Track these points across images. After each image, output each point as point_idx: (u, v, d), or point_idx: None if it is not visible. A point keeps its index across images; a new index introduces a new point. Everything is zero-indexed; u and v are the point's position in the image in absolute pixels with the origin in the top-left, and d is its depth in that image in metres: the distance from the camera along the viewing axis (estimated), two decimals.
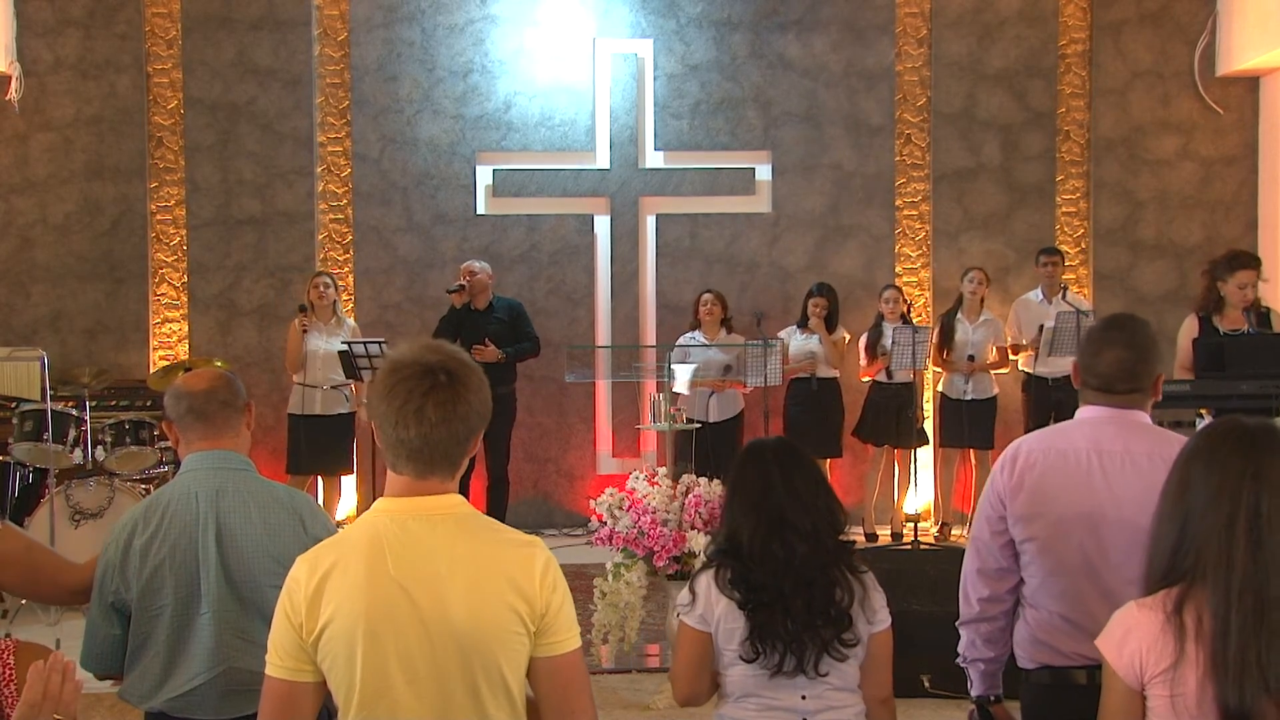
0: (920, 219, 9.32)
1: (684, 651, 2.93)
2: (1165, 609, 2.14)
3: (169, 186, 8.98)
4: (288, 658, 2.20)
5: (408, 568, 2.16)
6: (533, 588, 2.18)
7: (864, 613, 2.87)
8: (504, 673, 2.16)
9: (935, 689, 5.09)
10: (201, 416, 3.10)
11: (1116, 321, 2.97)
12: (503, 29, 9.19)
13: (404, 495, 2.22)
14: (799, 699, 2.84)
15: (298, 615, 2.18)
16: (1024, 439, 3.00)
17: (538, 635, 2.19)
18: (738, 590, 2.84)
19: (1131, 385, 2.87)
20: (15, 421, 6.78)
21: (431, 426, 2.17)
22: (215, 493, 3.05)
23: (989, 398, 8.53)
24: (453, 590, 2.14)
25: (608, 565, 5.46)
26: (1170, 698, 2.13)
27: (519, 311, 8.47)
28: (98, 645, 3.10)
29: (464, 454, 2.24)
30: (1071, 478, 2.84)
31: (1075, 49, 9.34)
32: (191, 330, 9.02)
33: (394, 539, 2.18)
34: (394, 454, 2.21)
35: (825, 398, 8.50)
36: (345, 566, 2.18)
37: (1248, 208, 9.33)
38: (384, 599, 2.14)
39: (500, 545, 2.22)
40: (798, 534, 2.85)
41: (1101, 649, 2.22)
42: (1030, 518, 2.88)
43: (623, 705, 5.18)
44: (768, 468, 2.92)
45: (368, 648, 2.14)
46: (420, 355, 2.21)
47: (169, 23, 8.96)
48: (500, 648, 2.15)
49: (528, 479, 9.13)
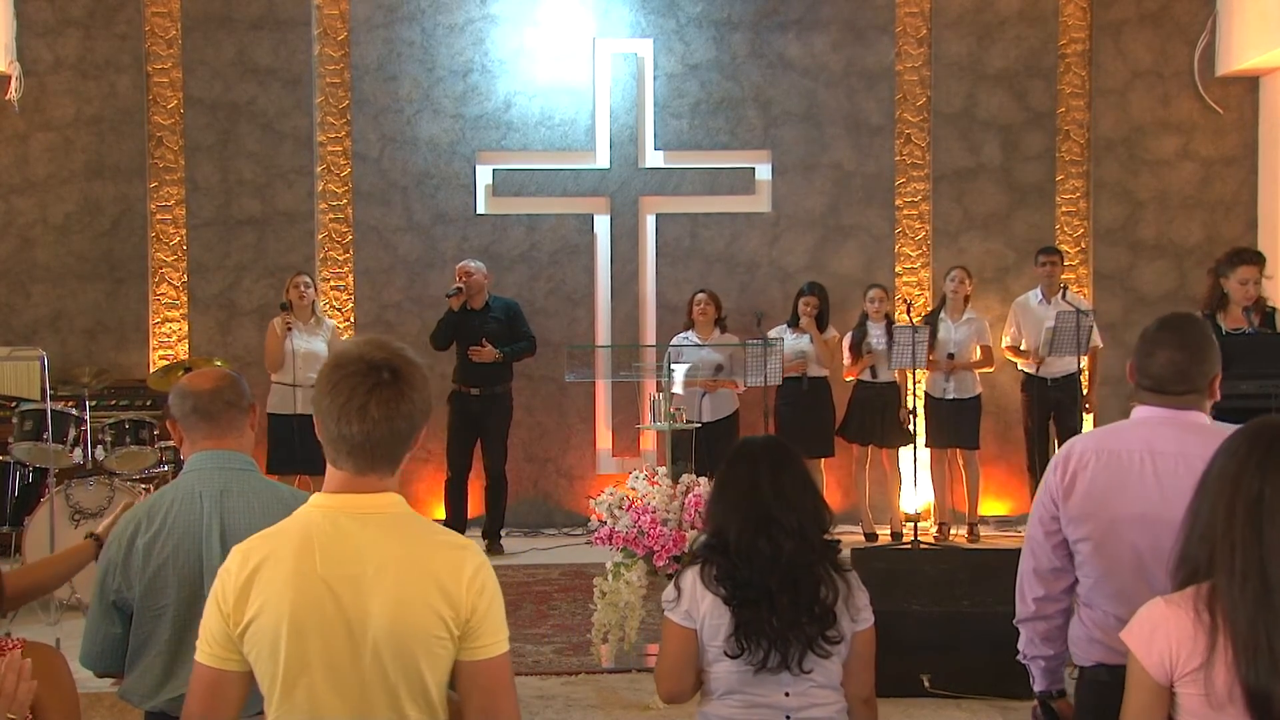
0: (920, 219, 9.32)
1: (669, 647, 2.95)
2: (1196, 607, 2.15)
3: (169, 186, 8.98)
4: (216, 646, 2.22)
5: (335, 566, 2.16)
6: (458, 591, 2.16)
7: (848, 610, 2.90)
8: (424, 675, 2.16)
9: (935, 689, 5.09)
10: (206, 416, 3.10)
11: (1170, 322, 2.95)
12: (503, 29, 9.19)
13: (341, 491, 2.22)
14: (782, 696, 2.86)
15: (226, 605, 2.19)
16: (1077, 439, 3.00)
17: (462, 639, 2.18)
18: (723, 586, 2.85)
19: (1185, 386, 2.86)
20: (15, 421, 6.78)
21: (374, 424, 2.17)
22: (220, 493, 3.05)
23: (972, 397, 8.53)
24: (377, 591, 2.14)
25: (608, 565, 5.47)
26: (1203, 695, 2.13)
27: (516, 311, 8.47)
28: (98, 644, 3.09)
29: (405, 451, 2.24)
30: (1124, 479, 2.84)
31: (1075, 49, 9.34)
32: (191, 330, 9.02)
33: (325, 536, 2.18)
34: (334, 449, 2.21)
35: (816, 397, 8.50)
36: (275, 560, 2.18)
37: (1248, 208, 9.33)
38: (310, 596, 2.15)
39: (430, 547, 2.21)
40: (784, 532, 2.86)
41: (1129, 643, 2.22)
42: (1083, 518, 2.88)
43: (623, 705, 5.18)
44: (756, 466, 2.94)
45: (291, 643, 2.14)
46: (365, 352, 2.21)
47: (169, 22, 8.96)
48: (421, 650, 2.15)
49: (528, 479, 9.13)
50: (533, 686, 5.36)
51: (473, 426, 8.35)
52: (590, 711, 5.09)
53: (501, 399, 8.39)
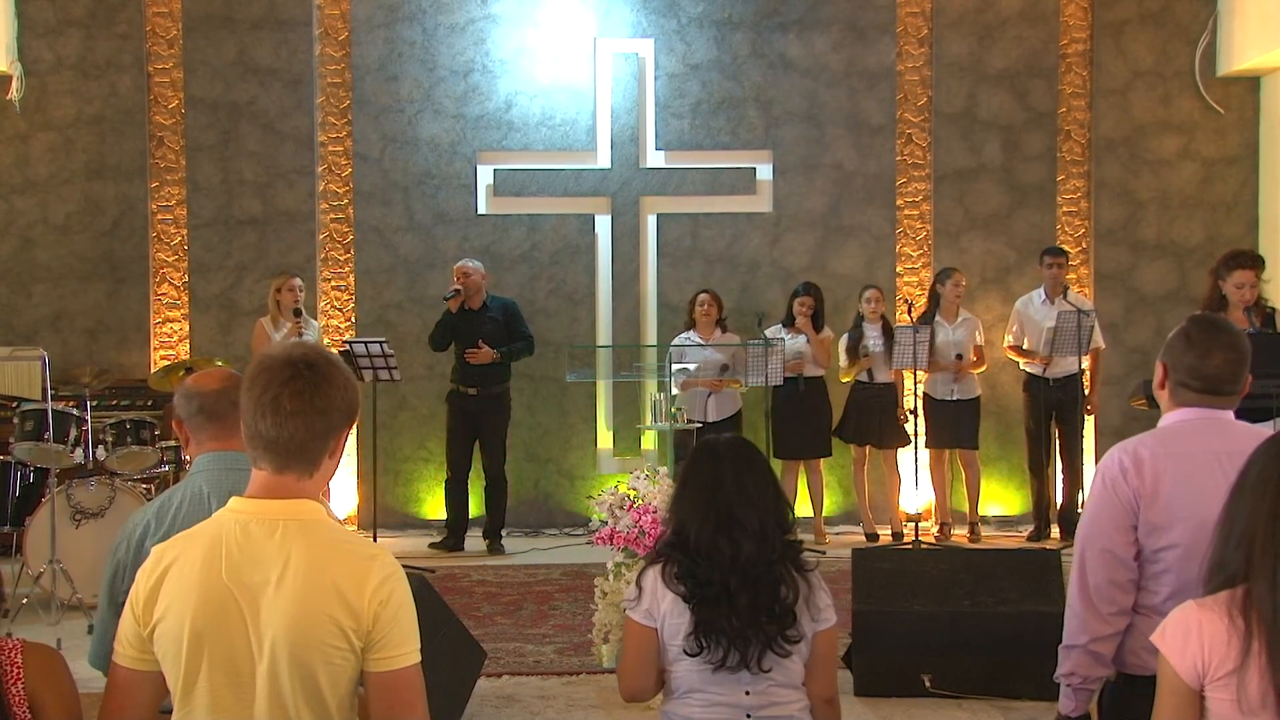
0: (921, 219, 9.32)
1: (630, 646, 2.96)
2: (1229, 612, 2.13)
3: (170, 186, 8.98)
4: (129, 646, 2.23)
5: (238, 572, 2.15)
6: (360, 601, 2.13)
7: (809, 610, 2.89)
8: (321, 685, 2.14)
9: (936, 689, 5.08)
10: (213, 416, 3.09)
11: (1218, 323, 2.94)
12: (504, 29, 9.19)
13: (258, 495, 2.21)
14: (743, 694, 2.86)
15: (138, 606, 2.20)
16: (1134, 444, 2.91)
17: (366, 650, 2.15)
18: (684, 584, 2.86)
19: (1236, 388, 2.88)
20: (16, 421, 6.77)
21: (286, 416, 2.15)
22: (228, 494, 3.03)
23: (973, 398, 8.56)
24: (278, 600, 2.13)
25: (609, 565, 5.47)
26: (1234, 701, 2.11)
27: (514, 311, 8.47)
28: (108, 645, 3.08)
29: (322, 451, 2.21)
30: (1205, 482, 2.79)
31: (1076, 49, 9.34)
32: (192, 330, 9.02)
33: (233, 541, 2.17)
34: (253, 448, 2.21)
35: (812, 397, 8.51)
36: (183, 564, 2.18)
37: (1249, 208, 9.33)
38: (213, 602, 2.14)
39: (336, 556, 2.18)
40: (745, 531, 2.86)
41: (1161, 647, 2.20)
42: (1167, 525, 2.82)
43: (623, 705, 5.17)
44: (719, 464, 2.94)
45: (191, 647, 2.14)
46: (289, 350, 2.23)
47: (170, 22, 8.96)
48: (320, 661, 2.13)
49: (528, 479, 9.13)
50: (534, 686, 5.36)
51: (471, 426, 8.35)
52: (591, 711, 5.09)
53: (499, 399, 8.39)
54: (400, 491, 9.05)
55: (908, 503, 8.65)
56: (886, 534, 8.70)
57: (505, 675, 5.48)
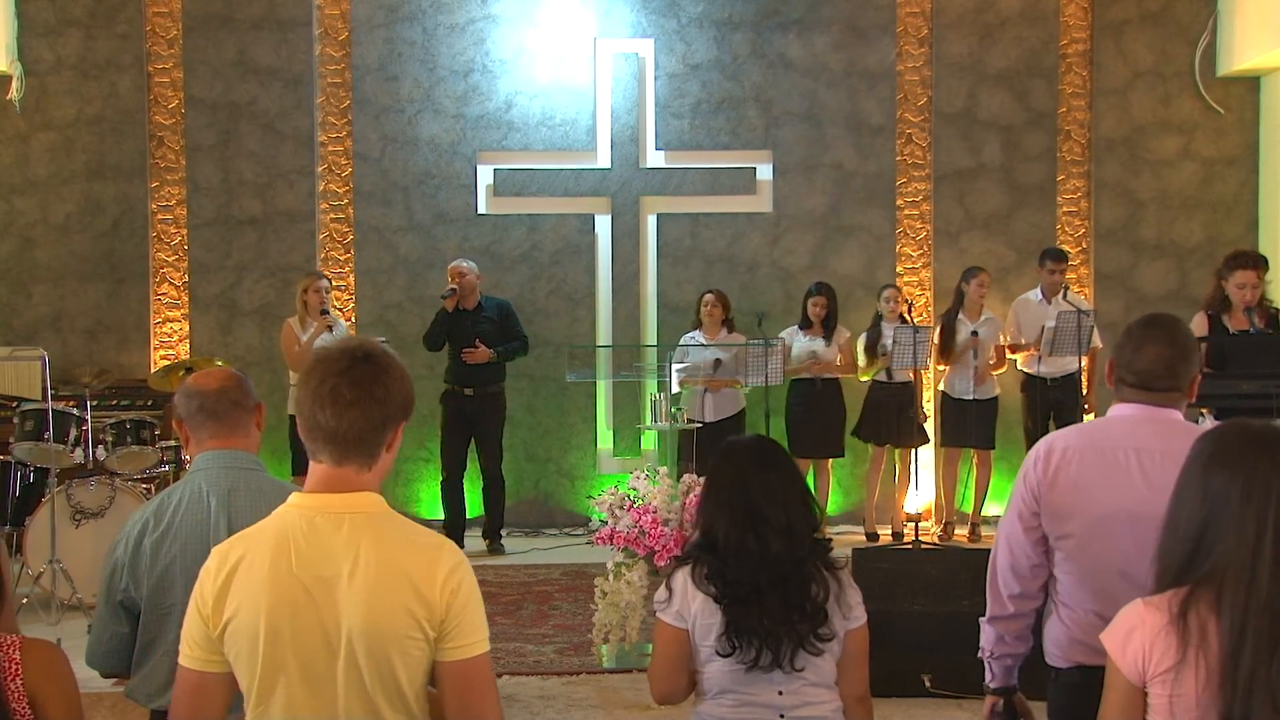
0: (921, 219, 9.32)
1: (661, 648, 2.94)
2: (1171, 610, 2.15)
3: (170, 186, 8.98)
4: (197, 649, 2.22)
5: (310, 566, 2.15)
6: (433, 591, 2.15)
7: (840, 608, 2.88)
8: (398, 676, 2.15)
9: (936, 689, 5.08)
10: (213, 415, 3.09)
11: (1158, 320, 2.94)
12: (504, 29, 9.19)
13: (319, 490, 2.22)
14: (775, 694, 2.85)
15: (205, 607, 2.19)
16: (1057, 435, 2.96)
17: (439, 640, 2.17)
18: (714, 585, 2.85)
19: (1171, 383, 2.85)
20: (16, 421, 6.77)
21: (346, 406, 2.16)
22: (228, 492, 3.05)
23: (991, 398, 8.55)
24: (352, 591, 2.13)
25: (609, 565, 5.47)
26: (1169, 698, 2.14)
27: (508, 311, 8.47)
28: (104, 643, 3.10)
29: (380, 442, 2.22)
30: (1110, 475, 2.82)
31: (1076, 49, 9.34)
32: (192, 330, 9.02)
33: (300, 536, 2.17)
34: (311, 440, 2.21)
35: (827, 397, 8.50)
36: (251, 561, 2.17)
37: (1249, 208, 9.33)
38: (286, 597, 2.14)
39: (406, 547, 2.20)
40: (772, 530, 2.85)
41: (1106, 644, 2.23)
42: (1066, 515, 2.85)
43: (624, 705, 5.18)
44: (742, 464, 2.94)
45: (267, 645, 2.14)
46: (343, 343, 2.25)
47: (170, 22, 8.96)
48: (396, 651, 2.14)
49: (528, 479, 9.13)
50: (534, 686, 5.36)
51: (466, 426, 8.34)
52: (591, 711, 5.09)
53: (495, 398, 8.39)
54: (399, 492, 9.05)
55: (909, 503, 8.64)
56: (887, 534, 8.70)
57: (505, 675, 5.47)
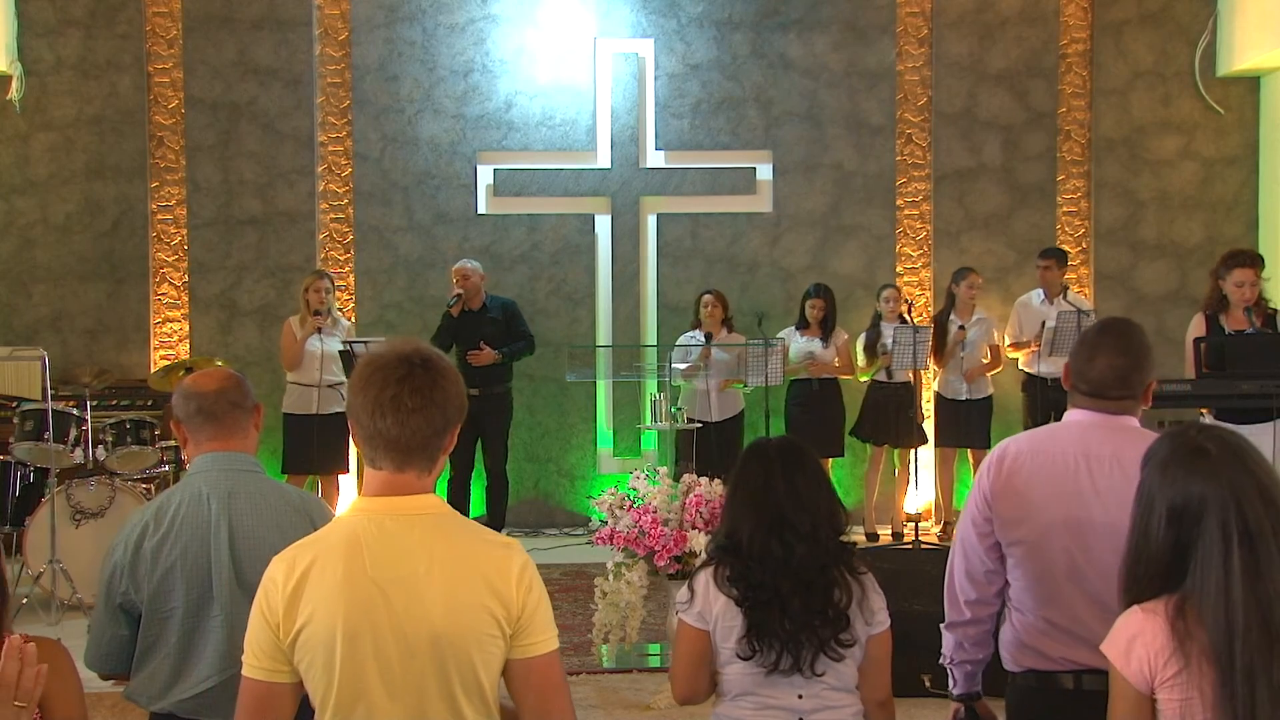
0: (921, 219, 9.32)
1: (682, 649, 2.93)
2: (1169, 615, 2.13)
3: (170, 186, 8.98)
4: (265, 658, 2.19)
5: (385, 568, 2.14)
6: (509, 589, 2.16)
7: (862, 614, 2.87)
8: (479, 675, 2.15)
9: (935, 689, 5.08)
10: (211, 417, 3.08)
11: (1111, 326, 2.92)
12: (504, 29, 9.19)
13: (381, 494, 2.21)
14: (795, 698, 2.84)
15: (275, 615, 2.16)
16: (1010, 441, 2.96)
17: (514, 637, 2.17)
18: (736, 588, 2.84)
19: (1124, 392, 2.83)
20: (16, 421, 6.78)
21: (409, 414, 2.16)
22: (227, 494, 3.03)
23: (985, 397, 8.56)
24: (429, 591, 2.13)
25: (608, 565, 5.47)
26: (1180, 703, 2.12)
27: (513, 310, 8.46)
28: (104, 645, 3.09)
29: (440, 447, 2.23)
30: (1059, 482, 2.80)
31: (1076, 49, 9.34)
32: (192, 330, 9.02)
33: (371, 539, 2.17)
34: (371, 447, 2.20)
35: (826, 398, 8.50)
36: (323, 567, 2.16)
37: (1249, 208, 9.33)
38: (362, 600, 2.13)
39: (477, 545, 2.21)
40: (797, 534, 2.84)
41: (1108, 655, 2.20)
42: (1016, 521, 2.84)
43: (624, 705, 5.18)
44: (770, 467, 2.92)
45: (346, 650, 2.12)
46: (397, 348, 2.23)
47: (170, 22, 8.96)
48: (476, 650, 2.14)
49: (528, 479, 9.13)
50: None
51: (472, 426, 8.33)
52: (591, 711, 5.09)
53: (501, 399, 8.38)
54: None
55: (908, 503, 8.65)
56: (887, 534, 8.70)
57: None
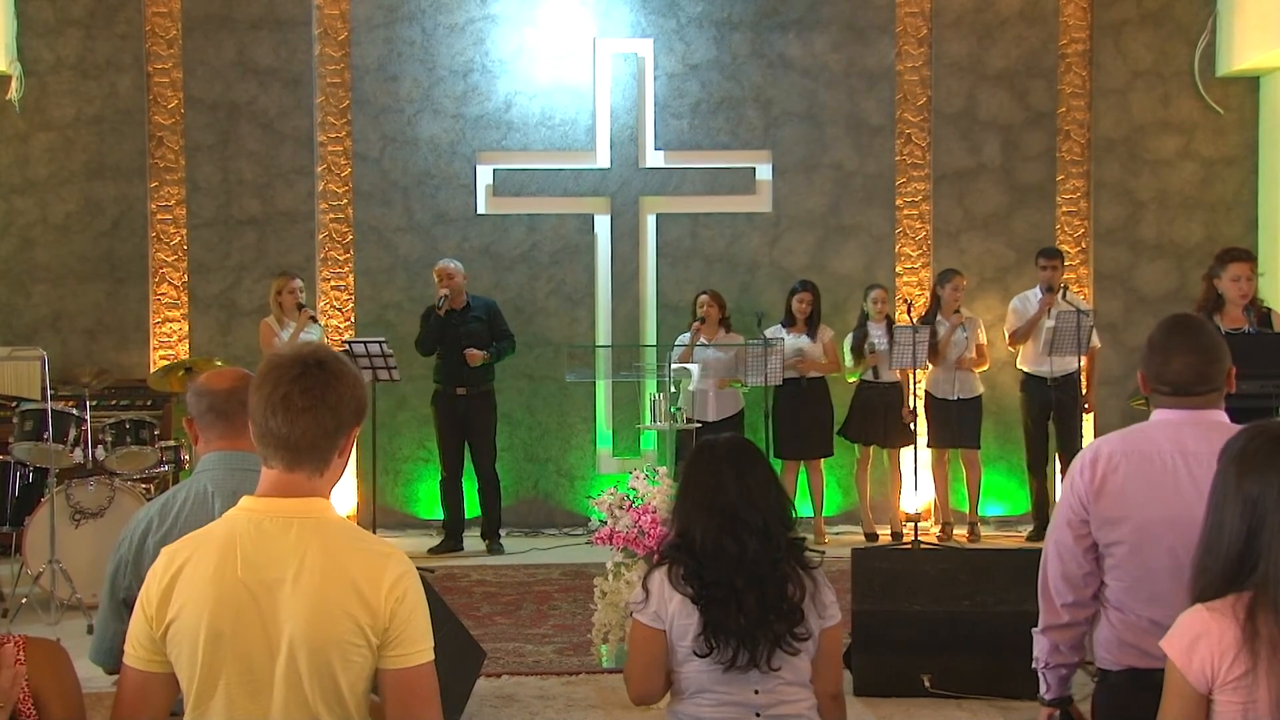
0: (921, 219, 9.32)
1: (637, 649, 2.96)
2: (1238, 615, 2.12)
3: (169, 186, 8.98)
4: (140, 648, 2.22)
5: (255, 570, 2.15)
6: (378, 598, 2.15)
7: (815, 608, 2.90)
8: (339, 683, 2.14)
9: (935, 689, 5.09)
10: (222, 415, 3.09)
11: (1179, 325, 2.94)
12: (503, 29, 9.19)
13: (270, 495, 2.22)
14: (752, 693, 2.87)
15: (150, 607, 2.19)
16: (1101, 442, 2.95)
17: (382, 647, 2.16)
18: (691, 585, 2.86)
19: (1207, 387, 2.86)
20: (16, 421, 6.77)
21: (298, 413, 2.16)
22: (233, 494, 3.03)
23: (975, 397, 8.58)
24: (295, 596, 2.13)
25: (608, 565, 5.47)
26: (1243, 705, 2.10)
27: (495, 310, 8.49)
28: (107, 641, 3.11)
29: (332, 449, 2.22)
30: (1157, 480, 2.82)
31: (1075, 49, 9.34)
32: (192, 330, 9.02)
33: (247, 539, 2.18)
34: (263, 446, 2.21)
35: (814, 397, 8.52)
36: (197, 563, 2.18)
37: (1248, 208, 9.33)
38: (229, 600, 2.14)
39: (352, 553, 2.19)
40: (749, 530, 2.87)
41: (1169, 652, 2.19)
42: (1117, 521, 2.84)
43: (623, 705, 5.18)
44: (719, 465, 2.95)
45: (208, 647, 2.14)
46: (298, 349, 2.24)
47: (169, 22, 8.96)
48: (338, 657, 2.13)
49: (528, 479, 9.13)
50: (533, 686, 5.36)
51: (459, 426, 8.34)
52: (590, 711, 5.09)
53: (486, 398, 8.40)
54: (399, 491, 9.05)
55: (907, 503, 8.65)
56: (886, 534, 8.71)
57: (505, 675, 5.48)
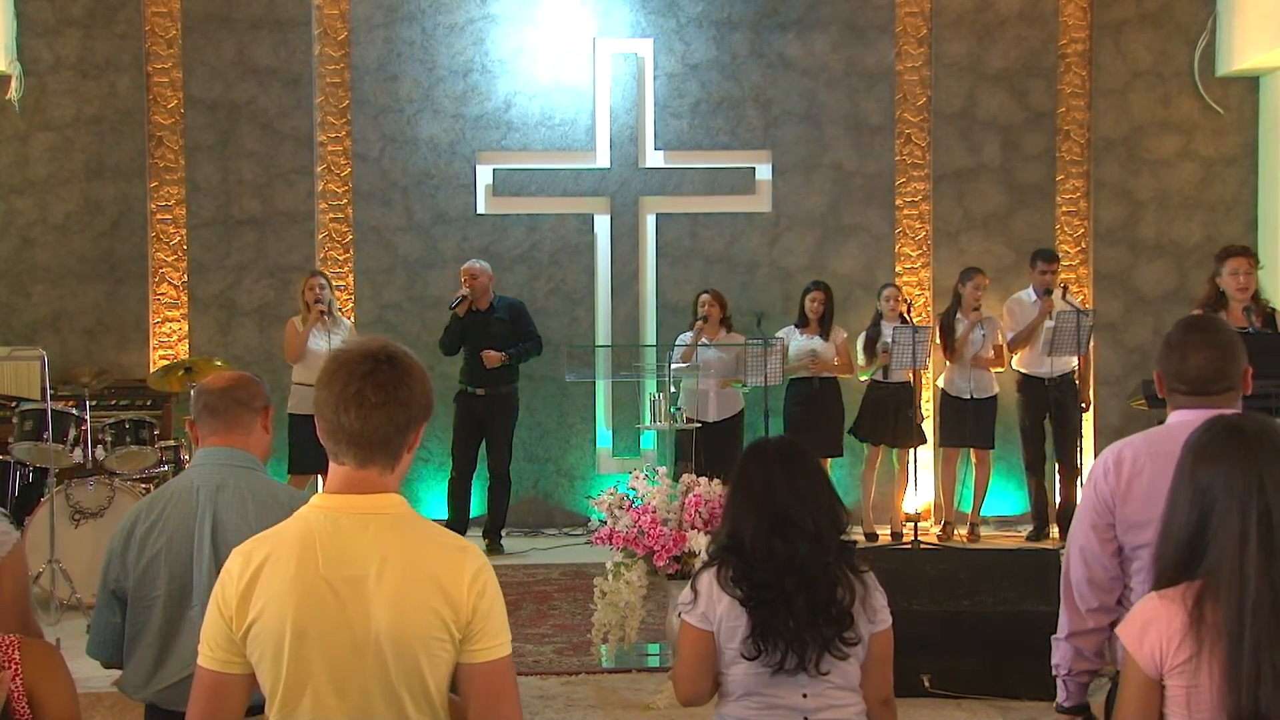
0: (920, 219, 9.32)
1: (686, 650, 2.93)
2: (1186, 603, 2.18)
3: (169, 186, 8.98)
4: (218, 649, 2.21)
5: (337, 567, 2.15)
6: (460, 593, 2.15)
7: (865, 612, 2.87)
8: (425, 677, 2.15)
9: (935, 689, 5.08)
10: (214, 413, 3.15)
11: (1194, 325, 2.96)
12: (503, 28, 9.19)
13: (342, 491, 2.22)
14: (800, 697, 2.84)
15: (228, 608, 2.18)
16: (1123, 444, 2.94)
17: (464, 641, 2.17)
18: (740, 588, 2.84)
19: (1224, 384, 2.86)
20: (15, 421, 6.77)
21: (371, 409, 2.16)
22: (216, 488, 3.10)
23: (990, 396, 8.56)
24: (379, 592, 2.13)
25: (608, 565, 5.46)
26: (1186, 689, 2.16)
27: (521, 310, 8.46)
28: (100, 633, 3.17)
29: (403, 444, 2.23)
30: None
31: (1075, 49, 9.34)
32: (192, 330, 9.02)
33: (325, 536, 2.17)
34: (334, 442, 2.20)
35: (825, 397, 8.51)
36: (277, 562, 2.17)
37: (1248, 208, 9.33)
38: (312, 598, 2.14)
39: (431, 548, 2.20)
40: (800, 532, 2.84)
41: (1122, 637, 2.25)
42: (1144, 524, 2.82)
43: (623, 705, 5.18)
44: (770, 466, 2.92)
45: (294, 646, 2.13)
46: (363, 344, 2.24)
47: (169, 22, 8.96)
48: (423, 652, 2.14)
49: (528, 479, 9.13)
50: (533, 686, 5.36)
51: (477, 426, 8.35)
52: (590, 711, 5.09)
53: (507, 399, 8.39)
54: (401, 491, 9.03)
55: (907, 503, 8.64)
56: (886, 534, 8.70)
57: None
